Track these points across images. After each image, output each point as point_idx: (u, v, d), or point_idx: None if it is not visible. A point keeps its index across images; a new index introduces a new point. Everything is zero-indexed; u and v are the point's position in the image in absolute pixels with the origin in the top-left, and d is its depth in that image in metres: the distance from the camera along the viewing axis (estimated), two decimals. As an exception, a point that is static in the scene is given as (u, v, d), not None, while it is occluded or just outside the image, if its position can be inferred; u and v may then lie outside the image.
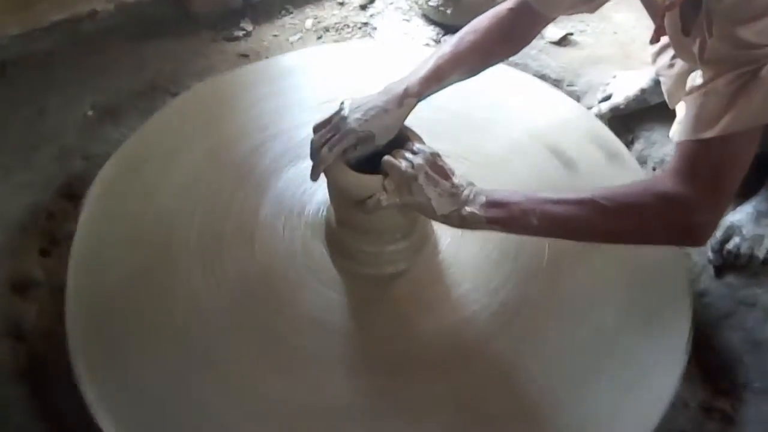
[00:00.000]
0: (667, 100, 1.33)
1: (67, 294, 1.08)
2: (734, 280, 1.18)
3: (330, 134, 1.01)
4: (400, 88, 1.04)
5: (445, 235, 1.16)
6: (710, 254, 1.22)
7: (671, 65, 1.28)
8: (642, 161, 1.42)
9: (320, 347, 1.04)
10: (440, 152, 0.99)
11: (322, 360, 1.03)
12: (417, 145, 1.00)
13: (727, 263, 1.20)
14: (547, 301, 1.09)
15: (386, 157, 0.98)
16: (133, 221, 1.19)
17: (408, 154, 0.98)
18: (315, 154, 1.02)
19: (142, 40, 1.74)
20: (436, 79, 1.07)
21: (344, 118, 1.01)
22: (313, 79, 1.46)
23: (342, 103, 1.04)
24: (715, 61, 0.85)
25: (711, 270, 1.21)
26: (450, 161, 0.99)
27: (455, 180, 0.97)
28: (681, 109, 1.27)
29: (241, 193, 1.22)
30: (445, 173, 0.97)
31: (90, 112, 1.57)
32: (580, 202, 0.90)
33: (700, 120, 0.86)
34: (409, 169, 0.95)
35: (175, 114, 1.38)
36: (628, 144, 1.46)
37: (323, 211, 1.17)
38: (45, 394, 1.12)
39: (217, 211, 1.20)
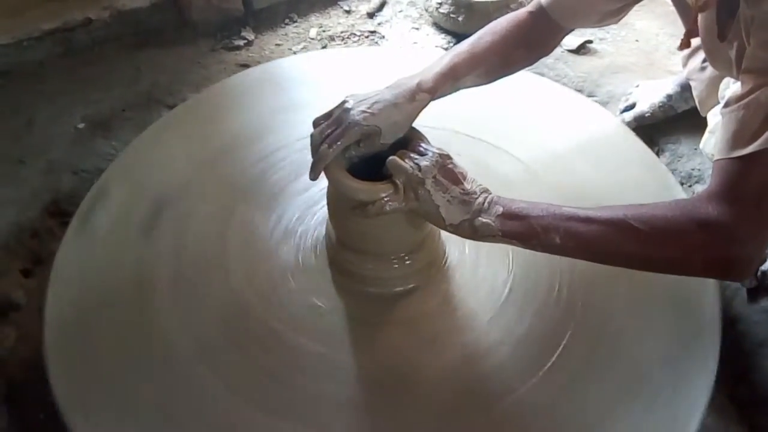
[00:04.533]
0: (698, 107, 1.28)
1: (46, 318, 1.05)
2: (770, 305, 1.12)
3: (331, 129, 0.95)
4: (412, 83, 0.99)
5: (455, 256, 1.11)
6: (743, 276, 1.16)
7: (702, 68, 1.24)
8: (668, 176, 1.37)
9: (317, 383, 0.97)
10: (450, 154, 0.93)
11: (320, 397, 0.96)
12: (424, 145, 0.95)
13: (762, 286, 1.13)
14: (570, 329, 1.03)
15: (392, 158, 0.92)
16: (122, 240, 1.15)
17: (415, 156, 0.93)
18: (314, 151, 0.96)
19: (138, 49, 1.73)
20: (452, 77, 1.02)
21: (347, 110, 0.95)
22: (319, 87, 1.43)
23: (345, 97, 0.98)
24: (756, 70, 0.80)
25: (744, 294, 1.15)
26: (463, 164, 0.94)
27: (467, 185, 0.91)
28: (713, 117, 1.23)
29: (238, 210, 1.19)
30: (455, 177, 0.91)
31: (81, 125, 1.55)
32: (611, 223, 0.84)
33: (739, 136, 0.80)
34: (417, 173, 0.90)
35: (169, 127, 1.36)
36: (653, 158, 1.41)
37: (323, 228, 1.14)
38: (24, 424, 1.08)
39: (212, 229, 1.16)
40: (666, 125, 1.42)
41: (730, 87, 1.18)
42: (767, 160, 0.78)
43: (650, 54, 1.67)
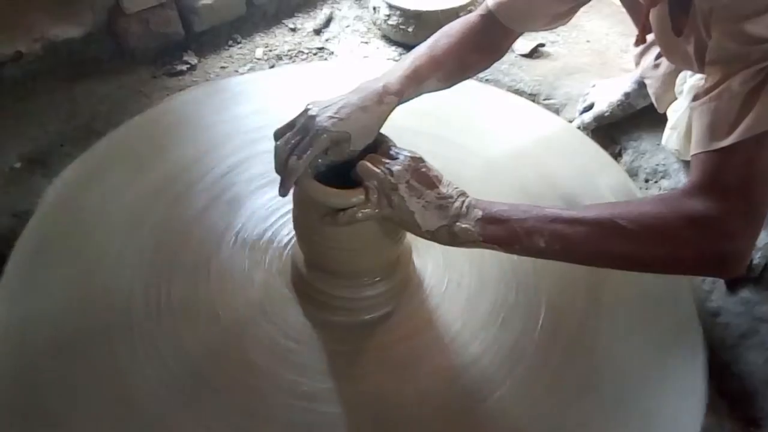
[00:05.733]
0: (654, 104, 1.30)
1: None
2: (750, 294, 1.12)
3: (297, 139, 0.91)
4: (377, 85, 0.96)
5: (430, 274, 1.09)
6: (720, 268, 1.16)
7: (656, 66, 1.25)
8: (633, 174, 1.38)
9: (298, 420, 0.93)
10: (423, 156, 0.91)
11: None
12: (395, 149, 0.92)
13: (740, 276, 1.14)
14: (551, 342, 1.02)
15: (362, 162, 0.89)
16: (64, 282, 1.08)
17: (386, 160, 0.89)
18: (282, 164, 0.91)
19: (74, 81, 1.66)
20: (416, 80, 1.00)
21: (312, 118, 0.91)
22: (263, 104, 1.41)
23: (307, 104, 0.94)
24: (723, 60, 0.80)
25: (722, 285, 1.16)
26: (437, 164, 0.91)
27: (443, 189, 0.88)
28: (673, 113, 1.25)
29: (191, 237, 1.14)
30: (430, 181, 0.88)
31: (17, 164, 1.48)
32: (597, 223, 0.82)
33: (715, 127, 0.79)
34: (389, 177, 0.87)
35: (106, 154, 1.32)
36: (615, 156, 1.42)
37: (288, 252, 1.10)
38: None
39: (161, 259, 1.11)
40: (626, 123, 1.44)
41: (687, 81, 1.20)
42: (749, 149, 0.77)
43: (603, 53, 1.70)
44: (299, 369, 0.97)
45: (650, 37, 1.14)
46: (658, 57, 1.27)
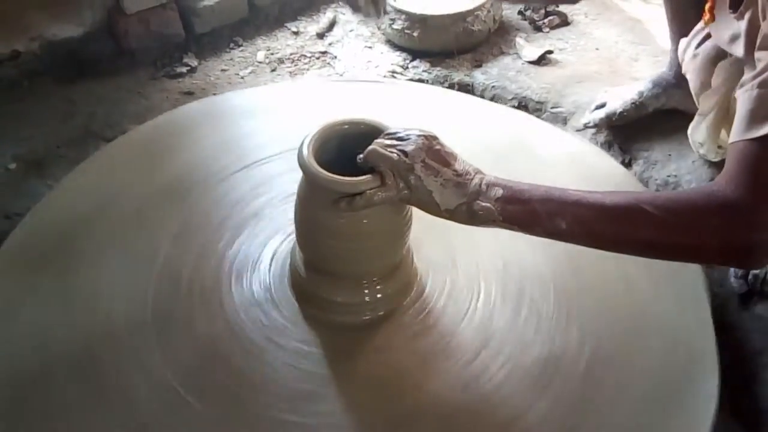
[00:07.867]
0: (696, 102, 1.24)
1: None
2: (765, 310, 1.10)
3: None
4: None
5: (432, 276, 1.06)
6: (733, 281, 1.14)
7: (695, 56, 1.21)
8: (643, 185, 1.35)
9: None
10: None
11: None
12: (405, 130, 0.89)
13: (754, 290, 1.12)
14: (559, 349, 0.99)
15: (372, 148, 0.87)
16: (57, 295, 1.05)
17: (397, 142, 0.87)
18: None
19: (72, 81, 1.66)
20: None
21: None
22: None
23: None
24: None
25: (736, 301, 1.13)
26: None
27: (458, 166, 0.86)
28: (705, 98, 1.19)
29: (192, 246, 1.12)
30: (445, 159, 0.86)
31: (12, 166, 1.47)
32: (622, 207, 0.80)
33: (755, 115, 0.76)
34: (404, 159, 0.85)
35: (107, 163, 1.29)
36: (625, 166, 1.40)
37: (287, 259, 1.07)
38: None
39: (158, 270, 1.08)
40: (636, 132, 1.41)
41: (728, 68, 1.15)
42: None
43: (612, 61, 1.67)
44: (299, 370, 0.96)
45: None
46: (698, 46, 1.23)
